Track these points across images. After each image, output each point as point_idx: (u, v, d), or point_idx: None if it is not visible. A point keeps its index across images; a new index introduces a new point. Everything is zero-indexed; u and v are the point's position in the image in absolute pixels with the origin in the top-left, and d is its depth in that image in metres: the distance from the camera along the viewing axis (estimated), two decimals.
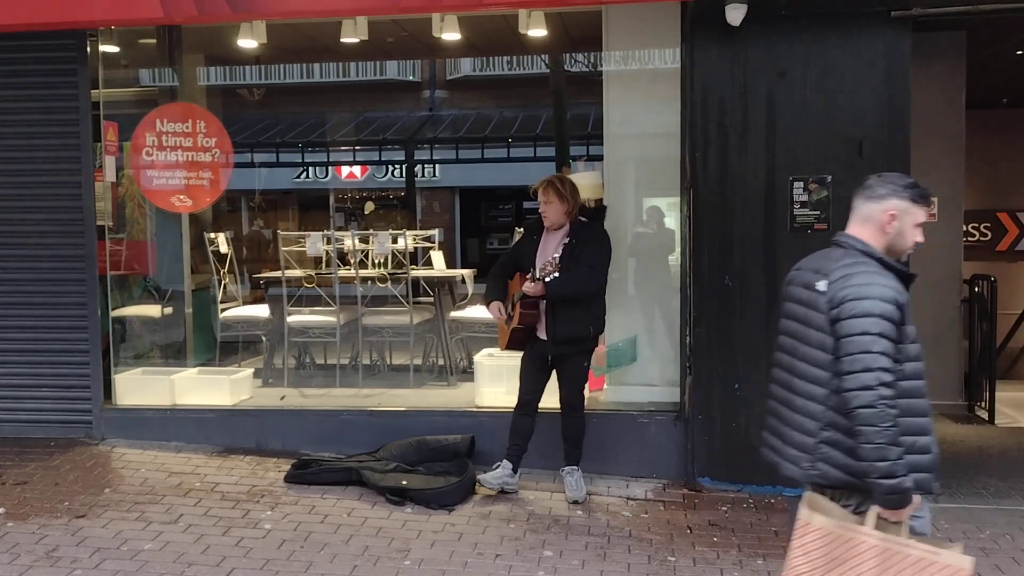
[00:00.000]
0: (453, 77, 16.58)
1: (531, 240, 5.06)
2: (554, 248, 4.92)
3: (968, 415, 7.18)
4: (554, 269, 4.70)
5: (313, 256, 7.15)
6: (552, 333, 4.87)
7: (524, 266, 4.99)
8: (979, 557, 4.28)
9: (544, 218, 4.95)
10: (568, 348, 4.90)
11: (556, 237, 4.96)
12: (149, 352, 6.97)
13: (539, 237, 5.03)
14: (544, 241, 5.01)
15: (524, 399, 5.02)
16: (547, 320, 4.88)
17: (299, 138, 15.17)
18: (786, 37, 5.07)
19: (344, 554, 4.26)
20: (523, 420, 5.02)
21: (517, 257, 5.11)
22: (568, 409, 5.03)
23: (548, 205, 4.91)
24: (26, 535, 4.44)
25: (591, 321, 4.93)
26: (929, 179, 6.81)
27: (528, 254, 5.01)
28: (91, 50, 5.93)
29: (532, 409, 5.02)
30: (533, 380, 5.02)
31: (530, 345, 5.03)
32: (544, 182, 4.95)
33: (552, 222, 4.94)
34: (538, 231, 5.05)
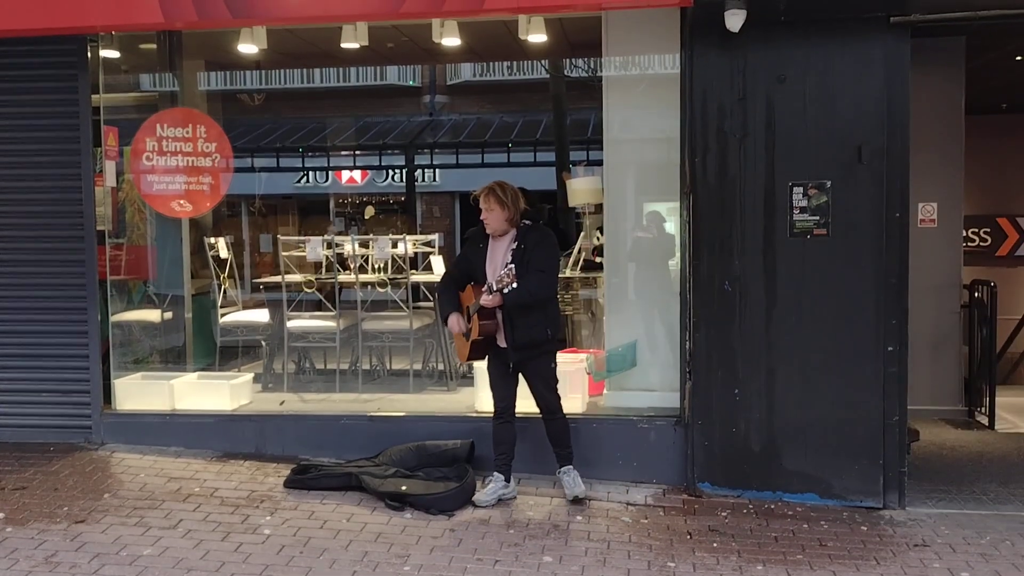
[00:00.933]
0: (453, 82, 16.61)
1: (477, 248, 5.02)
2: (503, 254, 4.90)
3: (968, 420, 7.17)
4: (511, 280, 4.67)
5: (313, 261, 7.16)
6: (511, 340, 4.87)
7: (475, 276, 4.97)
8: (979, 563, 4.29)
9: (486, 225, 4.93)
10: (528, 353, 4.91)
11: (503, 243, 4.94)
12: (149, 357, 6.96)
13: (485, 245, 5.00)
14: (492, 249, 4.98)
15: (499, 407, 5.03)
16: (505, 327, 4.87)
17: (299, 143, 15.19)
18: (785, 43, 5.08)
19: (343, 560, 4.26)
20: (503, 428, 5.03)
21: (465, 268, 5.08)
22: (547, 413, 5.03)
23: (490, 213, 4.89)
24: (25, 540, 4.43)
25: (548, 324, 4.94)
26: (928, 184, 6.92)
27: (477, 264, 4.98)
28: (91, 55, 5.94)
29: (510, 415, 5.03)
30: (503, 387, 5.02)
31: (492, 354, 5.02)
32: (485, 189, 4.93)
33: (494, 229, 4.93)
34: (483, 239, 5.01)
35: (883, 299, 5.03)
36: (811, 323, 5.09)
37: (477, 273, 4.96)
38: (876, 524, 4.83)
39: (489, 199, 4.89)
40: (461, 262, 5.16)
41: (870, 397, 5.05)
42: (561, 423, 5.05)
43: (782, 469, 5.15)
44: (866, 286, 5.05)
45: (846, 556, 4.38)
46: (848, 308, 5.06)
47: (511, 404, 5.03)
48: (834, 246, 5.06)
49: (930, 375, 7.05)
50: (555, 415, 5.03)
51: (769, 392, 5.15)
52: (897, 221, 5.02)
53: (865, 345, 5.05)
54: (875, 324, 5.04)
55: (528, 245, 4.87)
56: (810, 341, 5.10)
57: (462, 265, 5.13)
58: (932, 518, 4.91)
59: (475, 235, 5.09)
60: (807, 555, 4.39)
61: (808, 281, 5.08)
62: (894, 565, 4.28)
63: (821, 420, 5.10)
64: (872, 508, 5.04)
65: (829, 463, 5.10)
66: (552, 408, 5.02)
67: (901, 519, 4.91)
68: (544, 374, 5.00)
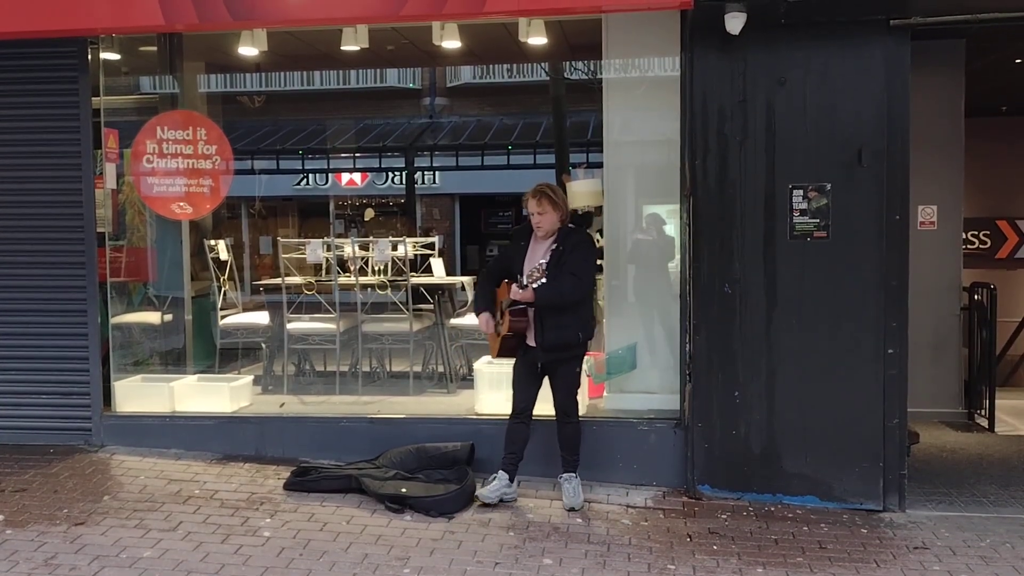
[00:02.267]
0: (453, 84, 16.60)
1: (519, 247, 5.06)
2: (542, 254, 4.91)
3: (968, 423, 7.18)
4: (541, 275, 4.69)
5: (313, 263, 7.16)
6: (541, 340, 4.87)
7: (513, 273, 4.99)
8: (979, 566, 4.29)
9: (538, 228, 4.94)
10: (557, 355, 4.91)
11: (544, 243, 4.97)
12: (149, 359, 6.96)
13: (527, 244, 5.03)
14: (532, 247, 5.01)
15: (518, 407, 5.02)
16: (536, 327, 4.88)
17: (299, 145, 15.18)
18: (785, 45, 5.08)
19: (343, 562, 4.26)
20: (518, 428, 5.02)
21: (505, 264, 5.12)
22: (563, 416, 5.03)
23: (543, 216, 4.91)
24: (25, 542, 4.43)
25: (580, 327, 4.94)
26: (928, 187, 6.93)
27: (516, 261, 5.01)
28: (92, 58, 5.94)
29: (527, 416, 5.03)
30: (526, 387, 5.02)
31: (521, 352, 5.03)
32: (537, 193, 4.94)
33: (546, 231, 4.94)
34: (526, 238, 5.05)
35: (883, 301, 5.03)
36: (811, 325, 5.09)
37: (515, 270, 4.96)
38: (876, 527, 4.83)
39: (544, 202, 4.90)
40: (502, 258, 5.23)
41: (870, 399, 5.05)
42: (575, 428, 5.05)
43: (782, 471, 5.15)
44: (866, 288, 5.05)
45: (846, 559, 4.38)
46: (848, 310, 5.07)
47: (531, 405, 5.03)
48: (834, 249, 5.06)
49: (930, 377, 7.06)
50: (570, 419, 5.03)
51: (769, 394, 5.15)
52: (897, 223, 5.03)
53: (865, 347, 5.05)
54: (875, 326, 5.04)
55: (567, 247, 4.88)
56: (810, 343, 5.10)
57: (503, 261, 5.17)
58: (932, 521, 4.91)
59: (519, 233, 5.14)
60: (807, 557, 4.39)
61: (808, 283, 5.09)
62: (894, 568, 4.28)
63: (821, 422, 5.10)
64: (872, 511, 5.04)
65: (829, 465, 5.10)
66: (569, 412, 5.02)
67: (901, 522, 4.91)
68: (569, 378, 5.00)
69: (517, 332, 4.93)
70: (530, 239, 5.04)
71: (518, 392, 5.03)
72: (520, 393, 5.02)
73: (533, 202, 4.93)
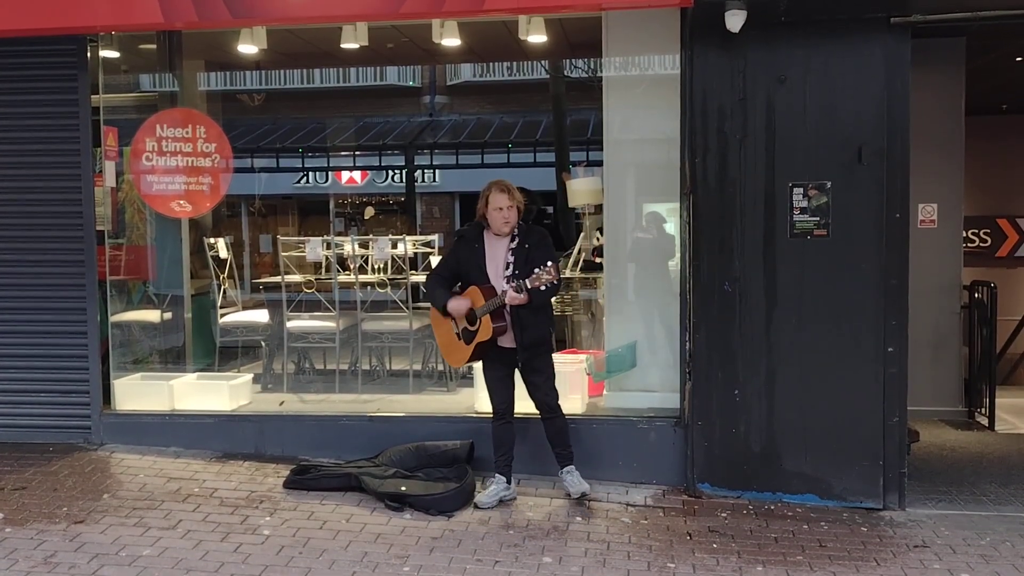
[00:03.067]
0: (453, 82, 16.61)
1: (472, 249, 4.93)
2: (504, 254, 4.88)
3: (968, 421, 7.17)
4: (552, 276, 4.66)
5: (313, 261, 7.15)
6: (520, 340, 4.85)
7: (469, 276, 4.91)
8: (979, 564, 4.29)
9: (506, 223, 4.85)
10: (534, 351, 4.93)
11: (502, 242, 4.91)
12: (148, 357, 6.96)
13: (481, 244, 4.93)
14: (490, 248, 4.92)
15: (500, 408, 5.02)
16: (515, 328, 4.85)
17: (299, 143, 15.18)
18: (785, 43, 5.07)
19: (343, 560, 4.25)
20: (505, 428, 5.03)
21: (456, 268, 4.99)
22: (548, 411, 5.02)
23: (511, 210, 4.85)
24: (24, 541, 4.43)
25: (549, 322, 5.05)
26: (929, 185, 6.92)
27: (473, 264, 4.91)
28: (91, 55, 5.93)
29: (511, 416, 5.04)
30: (503, 389, 5.01)
31: (493, 355, 4.97)
32: (506, 187, 4.86)
33: (512, 227, 4.89)
34: (478, 239, 4.94)
35: (883, 300, 5.03)
36: (811, 324, 5.09)
37: (473, 274, 4.91)
38: (876, 525, 4.83)
39: (514, 195, 4.87)
40: (451, 263, 5.04)
41: (870, 398, 5.05)
42: (561, 422, 5.05)
43: (782, 470, 5.15)
44: (866, 287, 5.05)
45: (846, 557, 4.38)
46: (848, 309, 5.06)
47: (511, 405, 5.04)
48: (834, 247, 5.06)
49: (930, 376, 7.05)
50: (555, 413, 5.02)
51: (769, 393, 5.15)
52: (897, 222, 5.02)
53: (865, 346, 5.05)
54: (875, 325, 5.04)
55: (531, 243, 4.87)
56: (810, 342, 5.09)
57: (452, 266, 5.02)
58: (932, 519, 4.91)
59: (469, 234, 5.01)
60: (807, 556, 4.38)
61: (808, 282, 5.08)
62: (894, 566, 4.28)
63: (821, 421, 5.10)
64: (872, 509, 5.03)
65: (829, 464, 5.10)
66: (553, 406, 5.01)
67: (901, 520, 4.91)
68: (548, 371, 5.01)
69: (497, 336, 4.87)
70: (482, 239, 4.94)
71: (498, 395, 5.02)
72: (499, 395, 5.02)
73: (504, 196, 4.84)
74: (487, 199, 4.88)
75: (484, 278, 4.89)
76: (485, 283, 4.87)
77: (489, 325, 4.83)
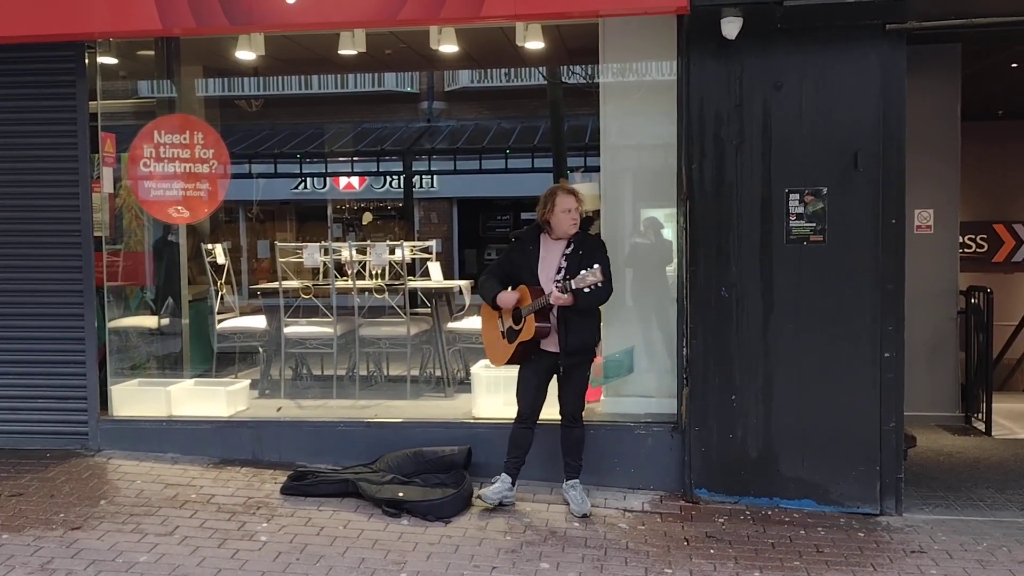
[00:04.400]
0: (451, 88, 16.61)
1: (527, 251, 4.99)
2: (559, 258, 4.90)
3: (965, 427, 7.18)
4: (597, 280, 4.62)
5: (310, 267, 7.15)
6: (564, 344, 4.84)
7: (522, 277, 4.94)
8: (976, 569, 4.29)
9: (573, 224, 4.88)
10: (577, 358, 4.91)
11: (557, 246, 4.94)
12: (146, 363, 6.96)
13: (535, 247, 4.98)
14: (545, 251, 4.96)
15: (526, 412, 4.99)
16: (559, 332, 4.85)
17: (297, 149, 15.19)
18: (782, 50, 5.09)
19: (340, 566, 4.25)
20: (525, 433, 5.01)
21: (511, 268, 5.04)
22: (571, 420, 5.01)
23: (579, 212, 4.89)
24: (21, 547, 4.43)
25: (596, 330, 5.03)
26: (925, 191, 6.93)
27: (526, 265, 4.95)
28: (89, 62, 5.95)
29: (534, 422, 5.02)
30: (536, 393, 4.99)
31: (533, 358, 4.98)
32: (570, 191, 4.90)
33: (572, 231, 4.90)
34: (534, 242, 5.00)
35: (880, 305, 5.04)
36: (808, 329, 5.10)
37: (524, 275, 4.92)
38: (873, 530, 4.83)
39: (580, 200, 4.89)
40: (505, 264, 5.09)
41: (867, 403, 5.06)
42: (581, 432, 5.04)
43: (779, 475, 5.15)
44: (863, 292, 5.06)
45: (843, 562, 4.38)
46: (845, 314, 5.07)
47: (538, 410, 5.01)
48: (830, 253, 5.07)
49: (927, 381, 7.06)
50: (577, 423, 5.02)
51: (766, 398, 5.16)
52: (893, 227, 5.04)
53: (862, 351, 5.06)
54: (872, 330, 5.05)
55: (585, 251, 4.87)
56: (807, 347, 5.10)
57: (507, 266, 5.06)
58: (929, 524, 4.92)
59: (526, 237, 5.06)
60: (804, 561, 4.39)
61: (805, 287, 5.09)
62: (891, 571, 4.28)
63: (818, 426, 5.10)
64: (869, 514, 5.04)
65: (826, 469, 5.10)
66: (577, 416, 5.01)
67: (898, 525, 4.91)
68: (582, 381, 5.01)
69: (540, 338, 4.88)
70: (539, 243, 4.99)
71: (527, 398, 4.99)
72: (529, 399, 4.98)
73: (572, 199, 4.87)
74: (553, 202, 4.88)
75: (535, 280, 4.89)
76: (535, 285, 4.87)
77: (532, 325, 4.82)
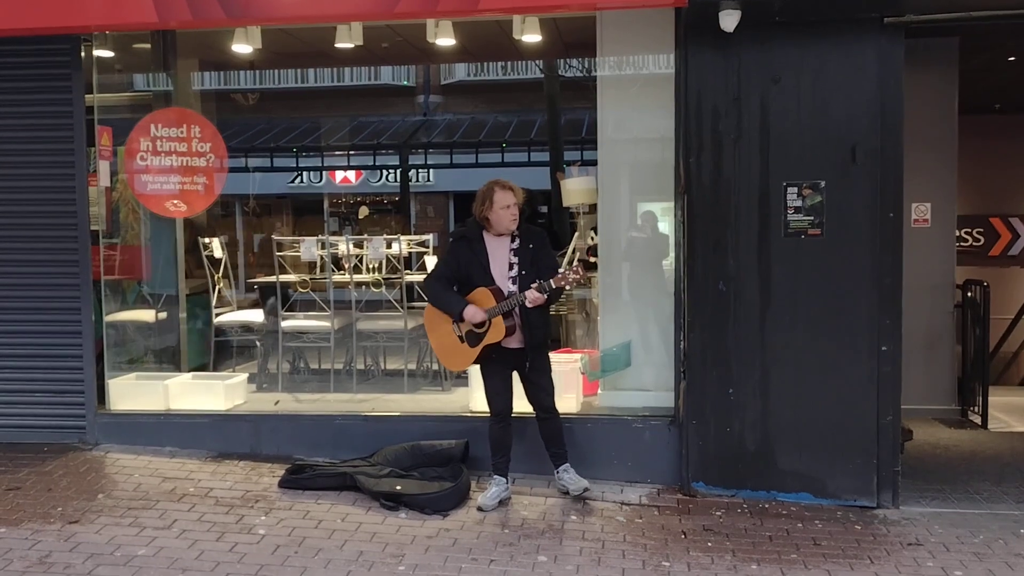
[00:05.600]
0: (448, 82, 16.57)
1: (474, 250, 4.88)
2: (506, 254, 4.88)
3: (961, 420, 7.20)
4: (580, 276, 4.66)
5: (307, 261, 7.15)
6: (530, 339, 4.88)
7: (472, 277, 4.86)
8: (973, 562, 4.31)
9: (513, 221, 4.84)
10: (540, 350, 4.99)
11: (502, 243, 4.90)
12: (143, 357, 6.95)
13: (482, 245, 4.90)
14: (492, 248, 4.90)
15: (500, 410, 4.99)
16: (523, 329, 4.87)
17: (293, 143, 15.16)
18: (780, 43, 5.09)
19: (338, 559, 4.26)
20: (505, 430, 5.02)
21: (458, 270, 4.92)
22: (544, 411, 5.03)
23: (517, 207, 4.87)
24: (19, 541, 4.42)
25: (549, 320, 5.13)
26: (922, 184, 6.95)
27: (476, 265, 4.87)
28: (85, 55, 5.93)
29: (510, 417, 5.03)
30: (505, 389, 5.00)
31: (497, 356, 4.94)
32: (507, 185, 4.85)
33: (515, 227, 4.88)
34: (478, 239, 4.90)
35: (877, 299, 5.05)
36: (805, 323, 5.11)
37: (476, 275, 4.87)
38: (870, 523, 4.85)
39: (518, 195, 4.87)
40: (452, 265, 4.95)
41: (864, 396, 5.07)
42: (557, 422, 5.07)
43: (776, 468, 5.16)
44: (860, 286, 5.06)
45: (840, 555, 4.39)
46: (842, 308, 5.08)
47: (511, 406, 5.03)
48: (828, 246, 5.08)
49: (924, 374, 7.08)
50: (552, 412, 5.04)
51: (763, 392, 5.17)
52: (891, 221, 5.04)
53: (859, 345, 5.07)
54: (869, 324, 5.05)
55: (536, 244, 4.89)
56: (804, 341, 5.11)
57: (453, 268, 4.95)
58: (926, 517, 4.93)
59: (468, 235, 4.94)
60: (801, 554, 4.40)
61: (802, 281, 5.10)
62: (888, 564, 4.29)
63: (815, 420, 5.11)
64: (866, 507, 5.05)
65: (823, 462, 5.11)
66: (550, 405, 5.03)
67: (895, 518, 4.93)
68: (548, 369, 5.04)
69: (507, 336, 4.88)
70: (483, 240, 4.91)
71: (499, 396, 4.99)
72: (501, 396, 4.99)
73: (511, 194, 4.83)
74: (491, 199, 4.81)
75: (489, 279, 4.87)
76: (491, 284, 4.85)
77: (502, 326, 4.81)
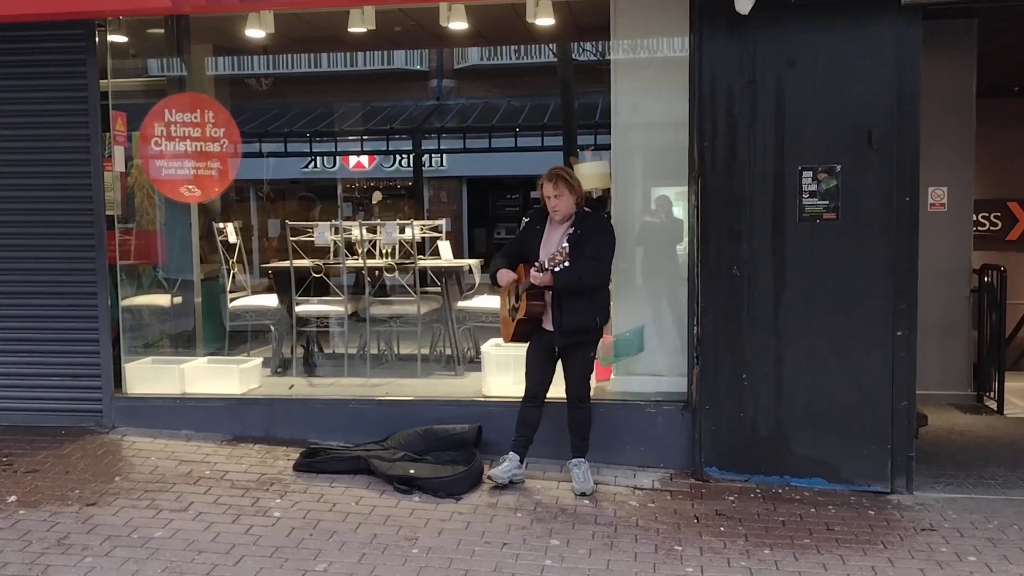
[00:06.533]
0: (461, 66, 16.54)
1: (534, 231, 5.04)
2: (559, 239, 4.90)
3: (977, 405, 7.16)
4: (564, 258, 4.66)
5: (321, 246, 7.17)
6: (559, 324, 4.86)
7: (528, 257, 4.97)
8: (987, 547, 4.29)
9: (555, 212, 4.93)
10: (574, 339, 4.91)
11: (560, 227, 4.96)
12: (159, 341, 7.00)
13: (542, 228, 5.01)
14: (548, 232, 5.00)
15: (532, 390, 5.02)
16: (553, 311, 4.87)
17: (307, 128, 15.17)
18: (795, 26, 5.04)
19: (353, 542, 4.29)
20: (531, 411, 5.03)
21: (520, 248, 5.09)
22: (575, 401, 5.03)
23: (560, 199, 4.89)
24: (37, 522, 4.48)
25: (596, 312, 4.94)
26: (939, 168, 6.88)
27: (532, 245, 5.00)
28: (99, 40, 5.94)
29: (540, 400, 5.03)
30: (540, 371, 5.01)
31: (536, 336, 5.02)
32: (553, 176, 4.92)
33: (563, 215, 4.93)
34: (541, 222, 5.03)
35: (892, 284, 5.02)
36: (820, 308, 5.08)
37: (531, 254, 4.96)
38: (883, 508, 4.84)
39: (560, 185, 4.89)
40: (516, 243, 5.18)
41: (879, 382, 5.05)
42: (586, 414, 5.06)
43: (790, 454, 5.16)
44: (875, 271, 5.03)
45: (853, 540, 4.39)
46: (857, 293, 5.05)
47: (545, 389, 5.03)
48: (843, 231, 5.04)
49: (939, 360, 7.03)
50: (583, 404, 5.04)
51: (777, 377, 5.15)
52: (907, 205, 5.00)
53: (874, 330, 5.04)
54: (884, 309, 5.02)
55: (585, 232, 4.87)
56: (819, 326, 5.09)
57: (517, 245, 5.14)
58: (940, 503, 4.92)
59: (535, 217, 5.11)
60: (814, 539, 4.40)
61: (817, 266, 5.07)
62: (901, 549, 4.29)
63: (829, 405, 5.10)
64: (880, 492, 5.04)
65: (837, 448, 5.10)
66: (582, 397, 5.03)
67: (908, 503, 4.91)
68: (583, 362, 5.01)
69: (533, 316, 4.91)
70: (546, 223, 5.02)
71: (532, 376, 5.02)
72: (534, 377, 5.01)
73: (549, 185, 4.91)
74: (541, 187, 4.96)
75: (538, 259, 4.91)
76: None
77: (525, 303, 4.87)
